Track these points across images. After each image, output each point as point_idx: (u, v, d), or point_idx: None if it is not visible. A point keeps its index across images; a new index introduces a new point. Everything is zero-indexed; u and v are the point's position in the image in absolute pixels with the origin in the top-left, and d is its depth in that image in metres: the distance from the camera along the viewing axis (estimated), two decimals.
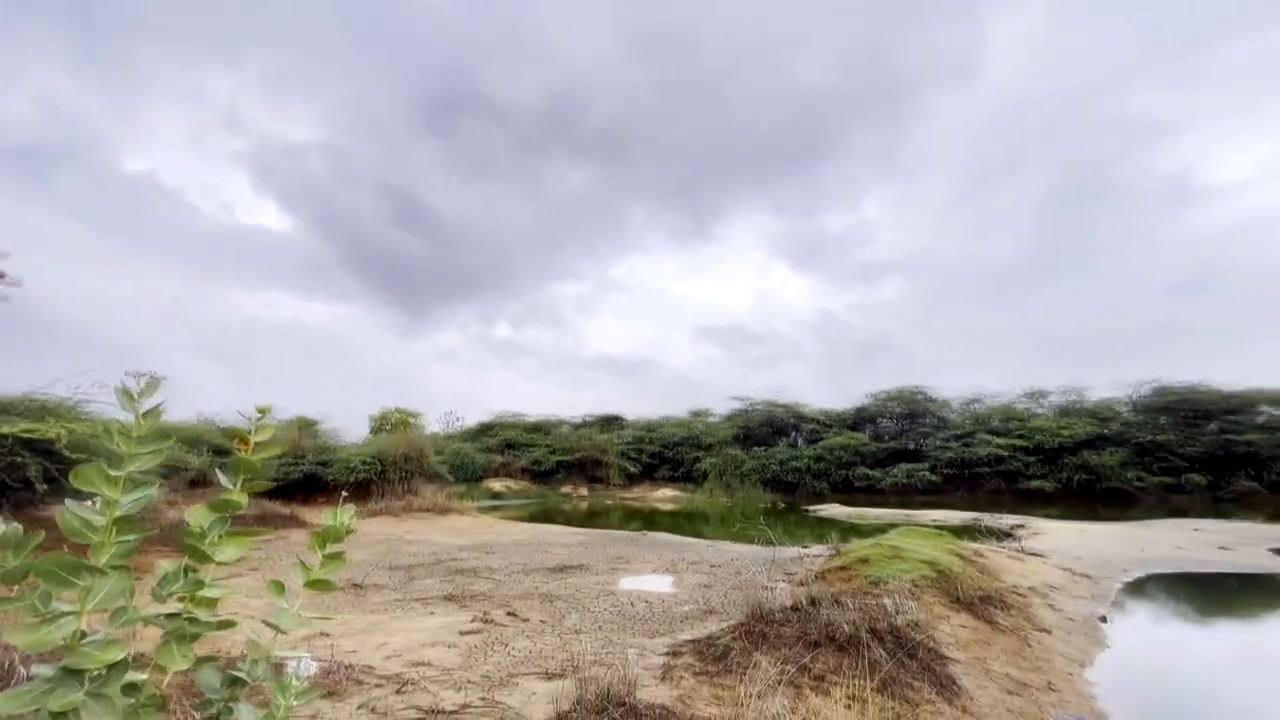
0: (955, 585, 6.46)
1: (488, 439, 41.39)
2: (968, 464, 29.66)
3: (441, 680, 4.03)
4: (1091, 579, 9.05)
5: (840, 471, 32.25)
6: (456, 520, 18.14)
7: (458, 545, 12.69)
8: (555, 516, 22.99)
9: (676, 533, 16.24)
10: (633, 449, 38.82)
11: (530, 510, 26.30)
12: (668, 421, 42.02)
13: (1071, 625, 6.58)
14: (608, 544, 12.81)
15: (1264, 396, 27.47)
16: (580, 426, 42.60)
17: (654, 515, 24.32)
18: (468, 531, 15.66)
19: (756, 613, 4.76)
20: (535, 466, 38.13)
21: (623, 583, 8.34)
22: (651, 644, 5.07)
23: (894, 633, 4.33)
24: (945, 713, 3.80)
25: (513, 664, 4.49)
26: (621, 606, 6.74)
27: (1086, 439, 28.15)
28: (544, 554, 11.17)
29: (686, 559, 10.52)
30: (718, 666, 4.06)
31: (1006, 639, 5.72)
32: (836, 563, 7.81)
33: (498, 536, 14.58)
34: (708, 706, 3.44)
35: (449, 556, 10.80)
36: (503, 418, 44.53)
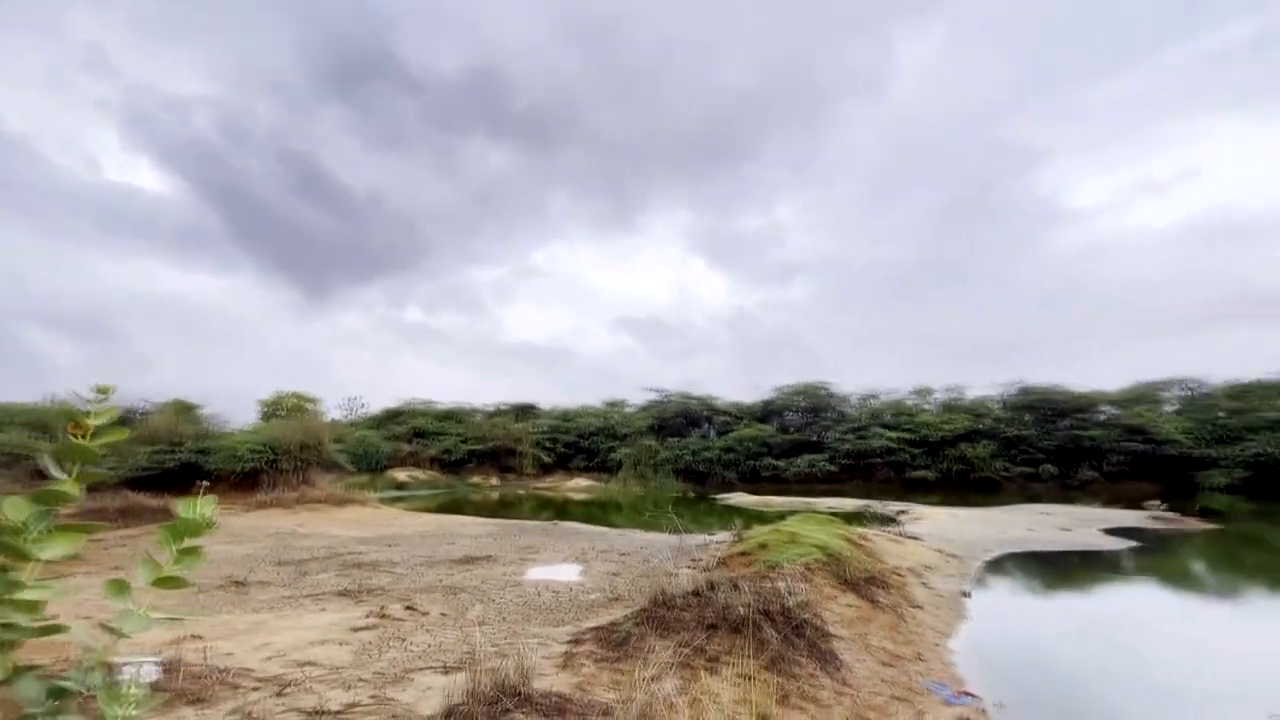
0: (843, 567, 6.95)
1: (395, 427, 39.50)
2: (863, 455, 31.87)
3: (329, 680, 3.83)
4: (959, 559, 10.03)
5: (749, 462, 33.64)
6: (357, 512, 17.22)
7: (357, 538, 12.07)
8: (464, 507, 22.37)
9: (589, 522, 16.31)
10: (548, 438, 38.47)
11: (438, 501, 25.43)
12: (584, 411, 41.97)
13: (940, 601, 7.27)
14: (518, 534, 12.65)
15: (1105, 398, 31.51)
16: (494, 415, 41.65)
17: (567, 505, 24.26)
18: (369, 523, 14.91)
19: (659, 599, 4.88)
20: (445, 456, 36.86)
21: (531, 573, 8.28)
22: (555, 633, 5.08)
23: (785, 613, 4.60)
24: (826, 685, 4.09)
25: (409, 659, 4.35)
26: (528, 597, 6.69)
27: (964, 433, 31.05)
28: (450, 545, 10.86)
29: (597, 548, 10.60)
30: (618, 652, 4.13)
31: (886, 616, 6.23)
32: (738, 549, 8.16)
33: (401, 528, 13.99)
34: (606, 692, 3.50)
35: (346, 550, 10.24)
36: (412, 405, 42.64)
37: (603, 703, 2.89)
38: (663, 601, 4.85)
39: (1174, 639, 6.55)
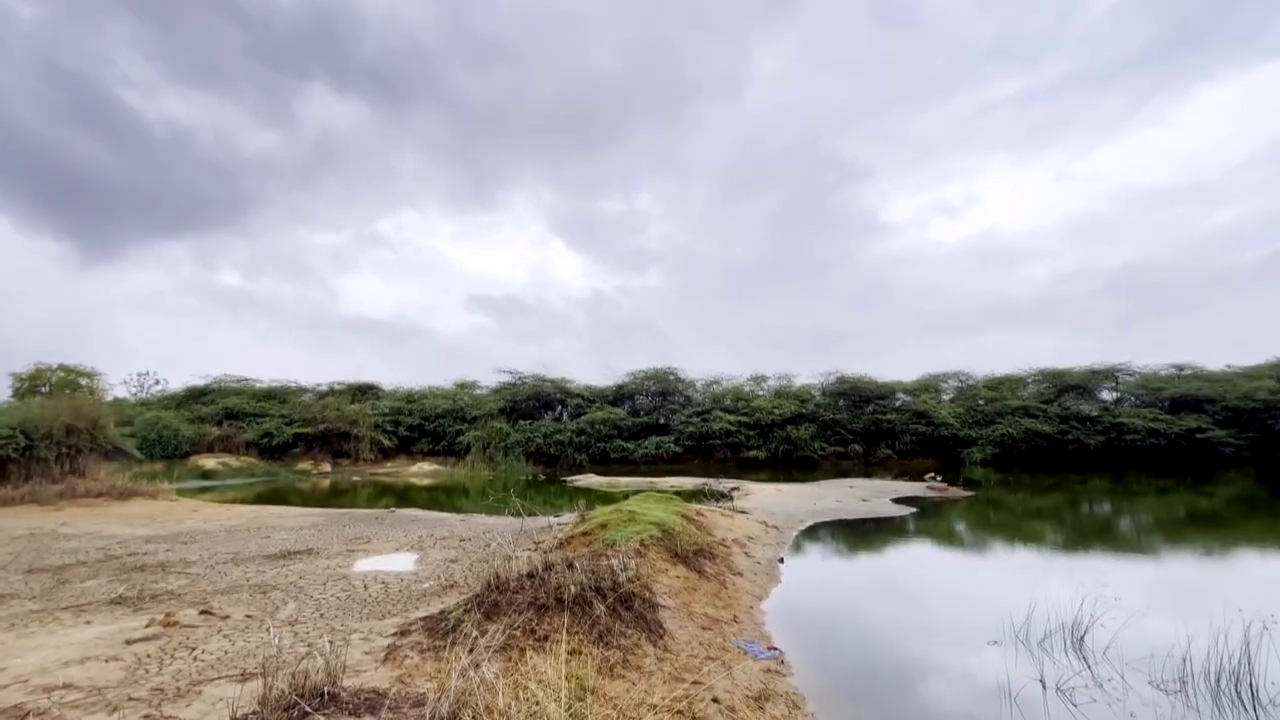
0: (676, 542, 7.44)
1: (201, 407, 34.29)
2: (705, 437, 34.11)
3: (88, 704, 3.29)
4: (779, 529, 11.23)
5: (599, 444, 34.36)
6: (145, 505, 14.76)
7: (142, 536, 10.35)
8: (288, 497, 20.16)
9: (432, 508, 15.59)
10: (389, 420, 35.91)
11: (255, 491, 22.61)
12: (431, 393, 39.76)
13: (759, 568, 8.10)
14: (347, 524, 11.72)
15: (901, 386, 36.98)
16: (327, 395, 37.89)
17: (409, 491, 22.93)
18: (159, 519, 12.85)
19: (494, 583, 4.86)
20: (266, 440, 32.82)
21: (359, 565, 7.75)
22: (380, 626, 4.83)
23: (615, 588, 4.83)
24: (650, 653, 4.38)
25: (198, 670, 3.87)
26: (353, 590, 6.26)
27: (791, 416, 34.58)
28: (264, 540, 9.75)
29: (436, 535, 10.19)
30: (445, 641, 4.06)
31: (710, 584, 6.80)
32: (581, 529, 8.36)
33: (202, 523, 12.24)
34: (428, 681, 3.43)
35: (126, 551, 8.74)
36: (223, 382, 37.31)
37: (419, 693, 2.83)
38: (497, 585, 4.83)
39: (937, 585, 7.97)
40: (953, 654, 5.32)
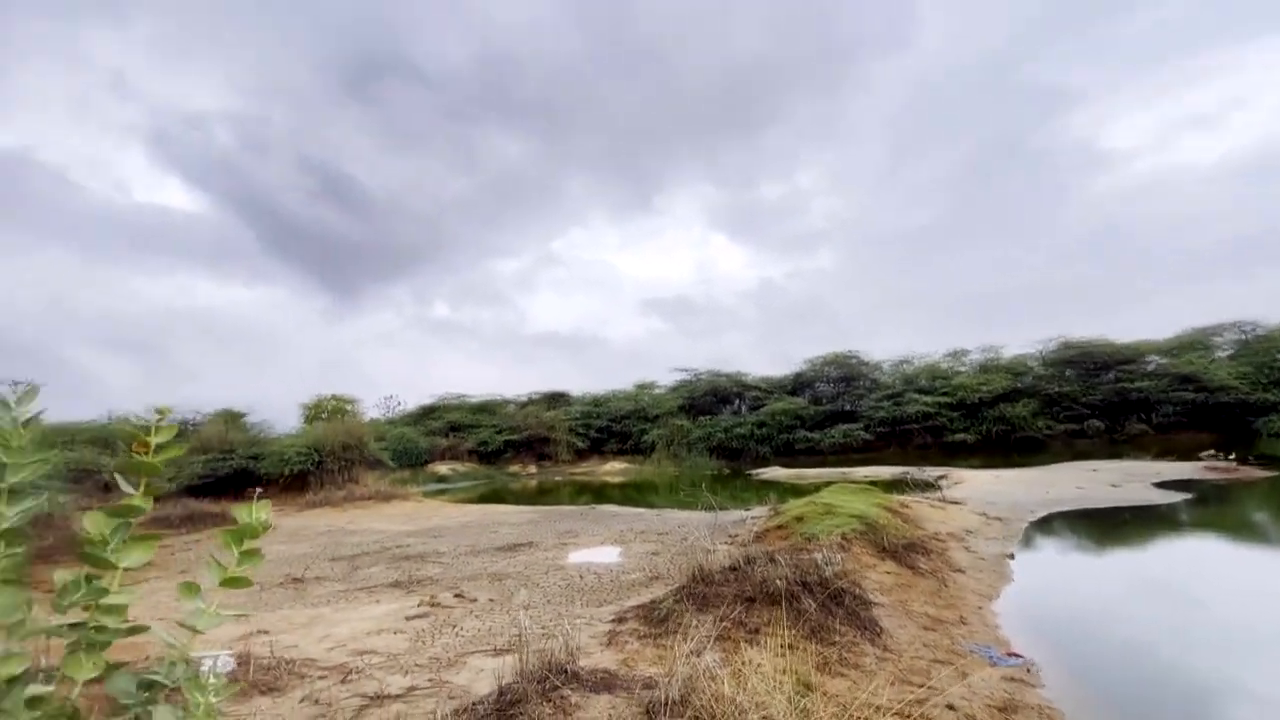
0: (881, 536, 6.93)
1: (431, 422, 40.46)
2: (898, 421, 31.40)
3: (388, 666, 4.04)
4: (1003, 521, 9.89)
5: (782, 435, 33.50)
6: (401, 506, 17.80)
7: (404, 531, 12.50)
8: (504, 496, 22.89)
9: (626, 504, 16.55)
10: (580, 424, 38.91)
11: (478, 491, 26.06)
12: (614, 395, 42.28)
13: (983, 564, 7.21)
14: (557, 520, 12.93)
15: (1152, 347, 30.30)
16: (526, 405, 42.27)
17: (604, 488, 24.61)
18: (413, 517, 15.41)
19: (697, 575, 4.97)
20: (482, 447, 37.65)
21: (572, 557, 8.48)
22: (599, 613, 5.22)
23: (823, 584, 4.64)
24: (868, 652, 4.13)
25: (461, 644, 4.54)
26: (571, 580, 6.87)
27: (1003, 393, 30.29)
28: (492, 534, 11.17)
29: (634, 529, 10.77)
30: (660, 629, 4.24)
31: (926, 581, 6.22)
32: (775, 522, 8.20)
33: (445, 520, 14.43)
34: (650, 666, 3.61)
35: (394, 544, 10.64)
36: (445, 400, 43.56)
37: (647, 676, 2.99)
38: (701, 578, 4.94)
39: (1234, 591, 6.38)
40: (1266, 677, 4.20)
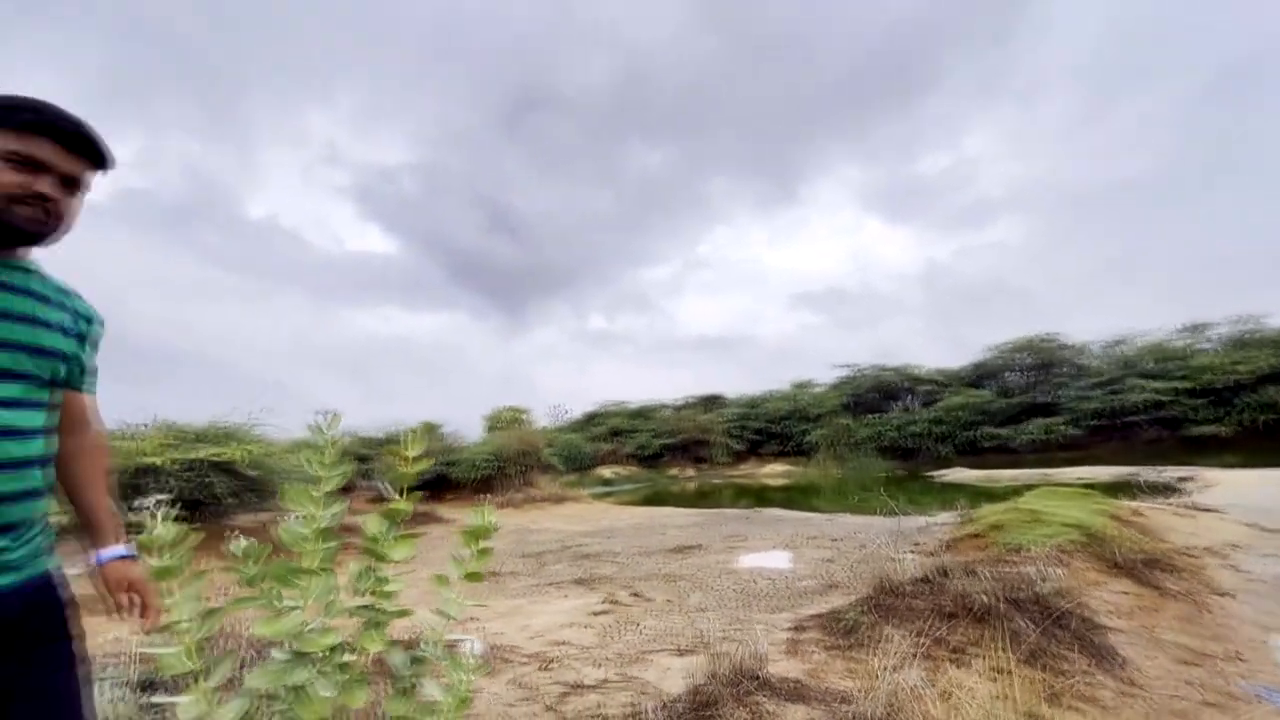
0: (1110, 548, 5.90)
1: (594, 428, 42.87)
2: (1116, 413, 26.56)
3: (581, 658, 4.34)
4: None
5: (964, 433, 30.13)
6: (573, 508, 19.06)
7: (579, 531, 13.37)
8: (666, 498, 23.45)
9: (790, 508, 16.04)
10: (736, 426, 38.59)
11: (642, 494, 27.00)
12: (771, 396, 41.29)
13: (1259, 588, 5.80)
14: (721, 523, 12.93)
15: None
16: (682, 409, 42.96)
17: (765, 491, 24.09)
18: (585, 518, 16.42)
19: (883, 585, 4.65)
20: (641, 451, 39.01)
21: (741, 560, 8.42)
22: (775, 619, 5.11)
23: (1038, 602, 4.06)
24: (1107, 685, 3.53)
25: (644, 642, 4.72)
26: (743, 584, 6.82)
27: (1268, 374, 24.18)
28: (661, 536, 11.49)
29: (804, 534, 10.39)
30: (847, 640, 4.03)
31: (1177, 605, 5.16)
32: (967, 530, 7.38)
33: (614, 521, 15.17)
34: (840, 680, 3.45)
35: (572, 543, 11.41)
36: (606, 407, 45.85)
37: (841, 690, 2.86)
38: (888, 588, 4.61)
39: None
40: None
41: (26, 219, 1.16)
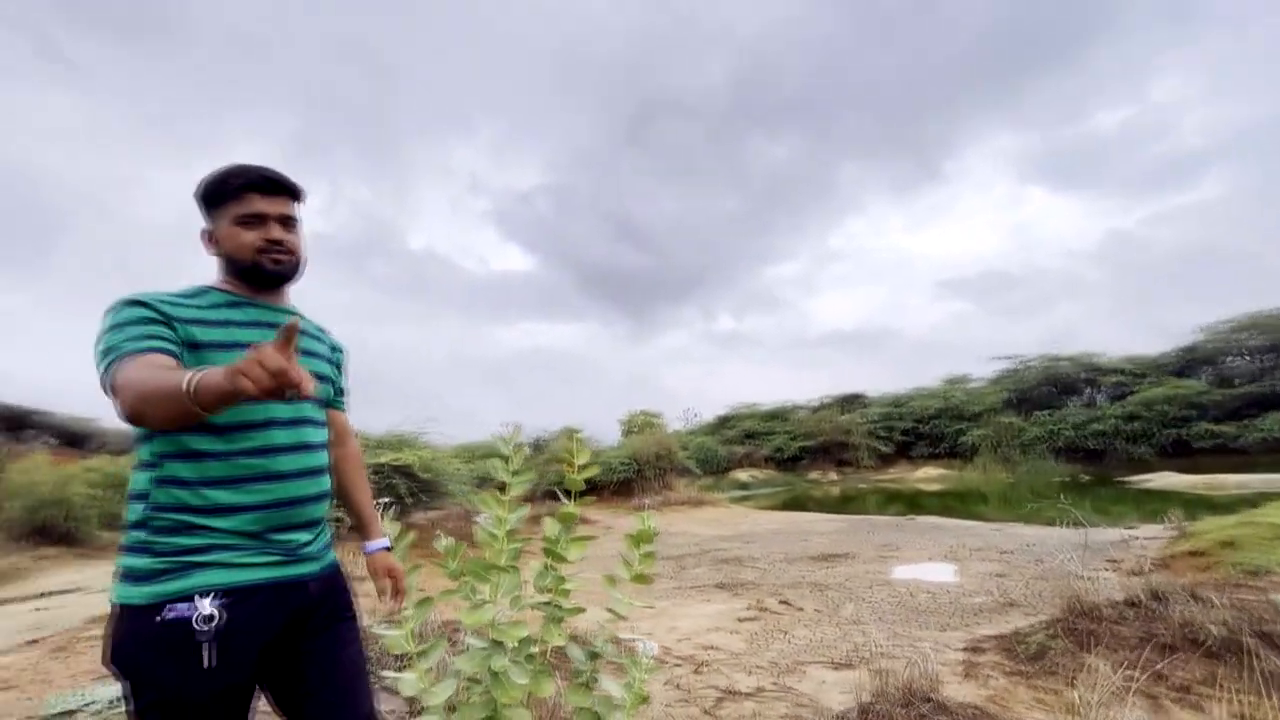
0: None
1: (727, 431, 42.46)
2: None
3: (731, 664, 4.31)
4: None
5: (1168, 430, 25.53)
6: (710, 511, 19.02)
7: (717, 535, 13.31)
8: (806, 503, 22.55)
9: (947, 515, 14.64)
10: (881, 427, 36.09)
11: (780, 498, 26.22)
12: (919, 393, 38.09)
13: None
14: (870, 530, 12.15)
15: None
16: (818, 409, 41.09)
17: (917, 497, 22.25)
18: (723, 522, 16.30)
19: (1076, 607, 4.07)
20: (778, 454, 37.91)
21: (896, 571, 7.84)
22: (943, 638, 4.69)
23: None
24: None
25: (796, 651, 4.57)
26: (900, 597, 6.35)
27: None
28: (804, 542, 11.07)
29: (968, 545, 9.43)
30: (1034, 667, 3.59)
31: None
32: (1183, 547, 6.24)
33: (753, 526, 14.88)
34: (1029, 711, 3.07)
35: (711, 546, 11.39)
36: (738, 409, 45.21)
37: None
38: (1082, 611, 4.03)
39: None
40: None
41: (274, 264, 1.38)
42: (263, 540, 1.26)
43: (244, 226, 1.35)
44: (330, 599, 1.40)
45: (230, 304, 1.34)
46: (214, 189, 1.36)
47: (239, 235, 1.36)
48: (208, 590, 1.15)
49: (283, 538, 1.29)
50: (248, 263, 1.36)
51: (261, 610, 1.22)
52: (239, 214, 1.35)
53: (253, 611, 1.20)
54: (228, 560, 1.20)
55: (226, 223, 1.36)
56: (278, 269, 1.39)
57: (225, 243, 1.37)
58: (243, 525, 1.23)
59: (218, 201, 1.37)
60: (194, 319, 1.25)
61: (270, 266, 1.38)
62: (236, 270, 1.39)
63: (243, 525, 1.23)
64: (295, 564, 1.32)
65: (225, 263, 1.39)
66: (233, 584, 1.19)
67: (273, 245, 1.37)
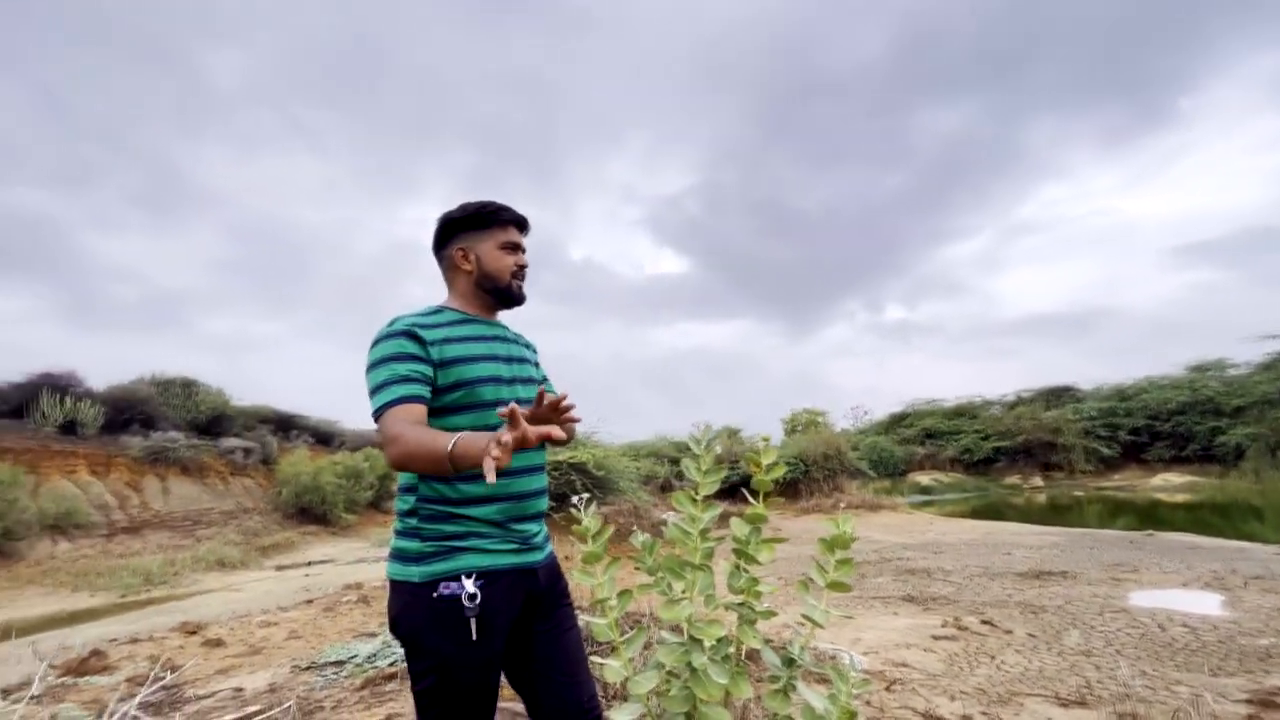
0: None
1: (903, 430, 39.09)
2: None
3: (929, 685, 3.93)
4: None
5: None
6: (889, 517, 17.61)
7: (899, 543, 12.28)
8: (1005, 512, 19.86)
9: (1201, 532, 11.89)
10: (1101, 425, 30.51)
11: (970, 505, 23.44)
12: (1152, 384, 31.50)
13: None
14: (1094, 546, 10.31)
15: None
16: (1015, 405, 36.02)
17: (1156, 509, 18.44)
18: (905, 529, 14.99)
19: None
20: (966, 456, 33.95)
21: (1135, 597, 6.56)
22: (1215, 684, 3.81)
23: None
24: None
25: (1008, 680, 4.03)
26: (1145, 629, 5.29)
27: None
28: (1005, 556, 9.75)
29: (1238, 570, 7.57)
30: None
31: None
32: None
33: (940, 535, 13.48)
34: None
35: (894, 555, 10.53)
36: (915, 406, 41.38)
37: None
38: None
39: None
40: None
41: (519, 288, 1.61)
42: (505, 529, 1.44)
43: (506, 251, 1.56)
44: (553, 585, 1.56)
45: (462, 321, 1.53)
46: (486, 216, 1.55)
47: (503, 258, 1.56)
48: (470, 571, 1.34)
49: (519, 528, 1.47)
50: (504, 283, 1.57)
51: (507, 591, 1.40)
52: (504, 241, 1.56)
53: (501, 592, 1.38)
54: (482, 546, 1.39)
55: (491, 245, 1.55)
56: (520, 293, 1.61)
57: (489, 263, 1.56)
58: (490, 515, 1.41)
59: (484, 225, 1.55)
60: (443, 338, 1.45)
61: (516, 290, 1.60)
62: (489, 288, 1.57)
63: (490, 515, 1.41)
64: (529, 552, 1.49)
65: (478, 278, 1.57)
66: (487, 567, 1.37)
67: (522, 270, 1.60)
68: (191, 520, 16.79)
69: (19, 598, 10.96)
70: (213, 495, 18.42)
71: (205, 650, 4.97)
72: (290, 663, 4.09)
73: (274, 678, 3.66)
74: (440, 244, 1.61)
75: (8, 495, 12.49)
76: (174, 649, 4.90)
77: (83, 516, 14.08)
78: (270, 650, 5.04)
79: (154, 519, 16.04)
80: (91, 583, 11.71)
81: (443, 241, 1.61)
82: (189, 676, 3.90)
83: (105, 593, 11.26)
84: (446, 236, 1.59)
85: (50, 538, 13.30)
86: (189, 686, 3.59)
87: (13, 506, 12.50)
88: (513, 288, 1.58)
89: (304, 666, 3.84)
